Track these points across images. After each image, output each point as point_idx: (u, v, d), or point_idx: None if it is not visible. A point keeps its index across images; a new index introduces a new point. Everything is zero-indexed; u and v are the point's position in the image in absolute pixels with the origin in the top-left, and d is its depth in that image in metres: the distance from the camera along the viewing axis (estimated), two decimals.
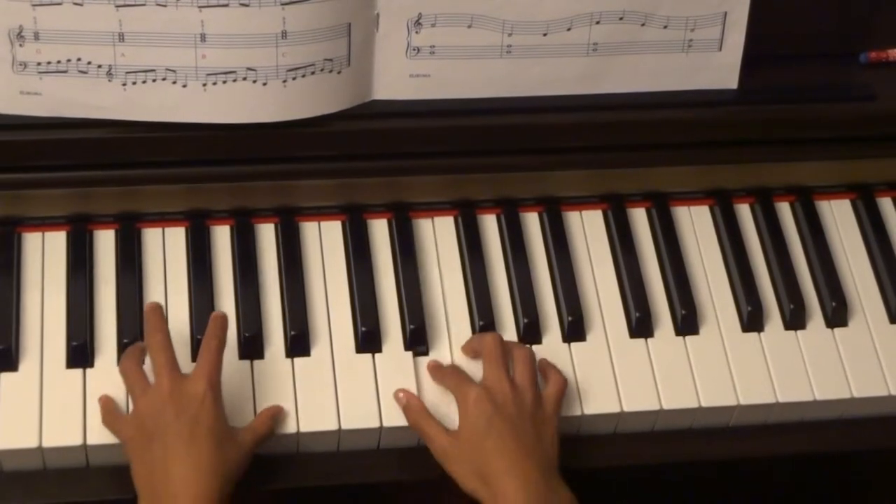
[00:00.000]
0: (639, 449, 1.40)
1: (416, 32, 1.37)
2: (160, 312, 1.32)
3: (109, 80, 1.32)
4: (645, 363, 1.41)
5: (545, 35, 1.38)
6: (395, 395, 1.34)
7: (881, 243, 1.51)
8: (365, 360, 1.38)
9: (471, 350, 1.38)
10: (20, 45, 1.30)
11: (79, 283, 1.38)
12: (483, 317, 1.41)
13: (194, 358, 1.34)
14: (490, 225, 1.49)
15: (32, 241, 1.41)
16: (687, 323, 1.43)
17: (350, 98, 1.38)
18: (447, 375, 1.34)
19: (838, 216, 1.54)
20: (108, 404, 1.30)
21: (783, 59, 1.47)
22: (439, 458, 1.30)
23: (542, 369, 1.37)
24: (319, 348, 1.38)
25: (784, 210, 1.54)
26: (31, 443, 1.29)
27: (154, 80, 1.32)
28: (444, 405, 1.34)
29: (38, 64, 1.31)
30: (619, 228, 1.49)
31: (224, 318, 1.32)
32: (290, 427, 1.33)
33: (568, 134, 1.44)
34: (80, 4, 1.28)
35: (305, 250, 1.44)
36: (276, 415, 1.32)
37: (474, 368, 1.36)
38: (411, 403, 1.33)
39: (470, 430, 1.29)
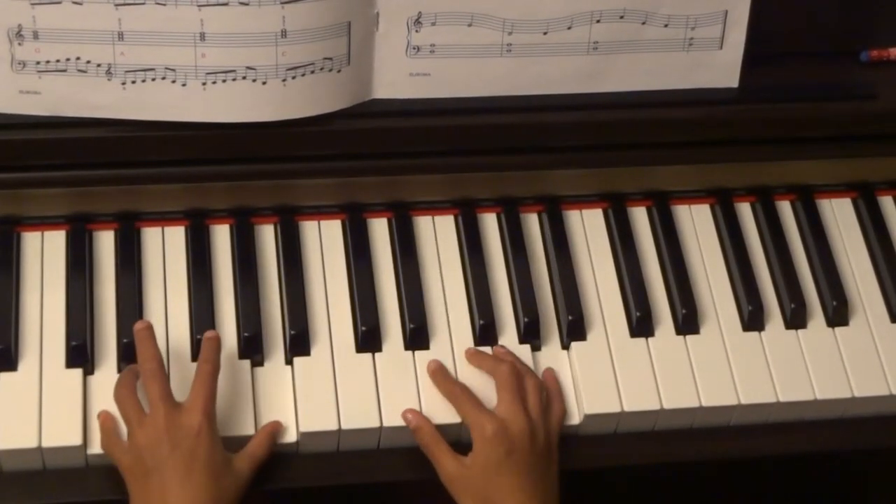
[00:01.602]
0: (639, 449, 1.40)
1: (416, 31, 1.36)
2: (151, 337, 1.31)
3: (109, 79, 1.32)
4: (645, 363, 1.41)
5: (545, 34, 1.38)
6: (404, 416, 1.32)
7: (882, 242, 1.51)
8: (365, 360, 1.38)
9: (478, 365, 1.37)
10: (19, 44, 1.30)
11: (78, 282, 1.38)
12: (483, 316, 1.40)
13: (194, 358, 1.34)
14: (490, 224, 1.49)
15: (32, 241, 1.41)
16: (687, 322, 1.43)
17: (350, 97, 1.38)
18: (460, 400, 1.33)
19: (839, 215, 1.54)
20: (107, 424, 1.29)
21: (784, 57, 1.47)
22: (446, 483, 1.30)
23: (547, 388, 1.36)
24: (319, 348, 1.38)
25: (785, 209, 1.54)
26: (30, 443, 1.29)
27: (153, 79, 1.32)
28: (447, 407, 1.34)
29: (38, 63, 1.30)
30: (620, 227, 1.49)
31: (217, 340, 1.32)
32: (290, 427, 1.33)
33: (568, 133, 1.43)
34: (80, 3, 1.28)
35: (305, 249, 1.44)
36: (274, 432, 1.31)
37: (478, 378, 1.36)
38: (422, 426, 1.32)
39: (484, 462, 1.28)
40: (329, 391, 1.35)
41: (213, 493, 1.23)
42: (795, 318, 1.45)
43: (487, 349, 1.39)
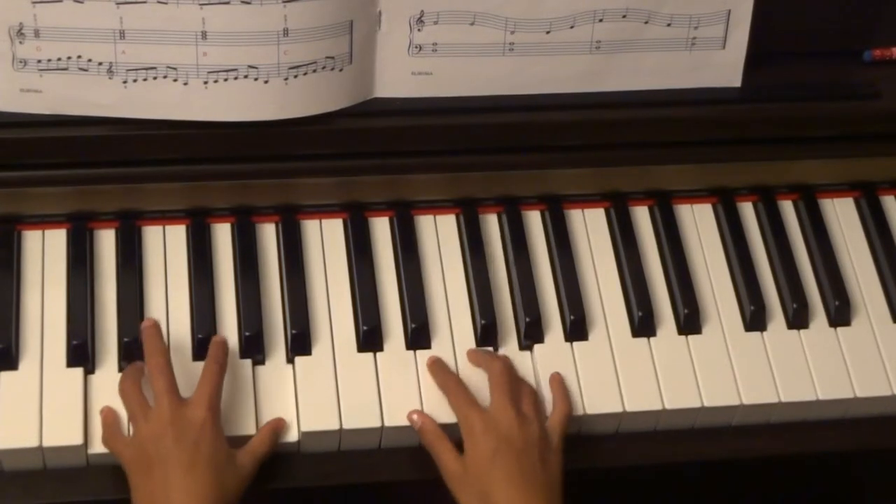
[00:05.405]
0: (641, 448, 1.40)
1: (419, 30, 1.36)
2: (158, 333, 1.32)
3: (110, 78, 1.31)
4: (647, 362, 1.40)
5: (548, 33, 1.38)
6: (409, 417, 1.33)
7: (884, 242, 1.51)
8: (366, 359, 1.37)
9: (475, 363, 1.38)
10: (20, 43, 1.29)
11: (79, 281, 1.38)
12: (485, 316, 1.40)
13: (195, 357, 1.34)
14: (492, 223, 1.48)
15: (33, 239, 1.41)
16: (689, 322, 1.43)
17: (352, 96, 1.37)
18: (452, 394, 1.33)
19: (841, 215, 1.53)
20: (109, 419, 1.30)
21: (786, 56, 1.46)
22: (448, 481, 1.30)
23: (550, 388, 1.36)
24: (320, 347, 1.38)
25: (787, 208, 1.53)
26: (31, 442, 1.28)
27: (155, 78, 1.31)
28: (448, 407, 1.34)
29: (39, 61, 1.30)
30: (622, 227, 1.49)
31: (225, 344, 1.33)
32: (291, 427, 1.33)
33: (570, 132, 1.43)
34: (81, 2, 1.27)
35: (307, 248, 1.44)
36: (277, 429, 1.32)
37: (478, 376, 1.36)
38: (426, 426, 1.32)
39: (476, 458, 1.29)
40: (330, 391, 1.35)
41: (216, 486, 1.23)
42: (797, 318, 1.45)
43: (489, 349, 1.39)
